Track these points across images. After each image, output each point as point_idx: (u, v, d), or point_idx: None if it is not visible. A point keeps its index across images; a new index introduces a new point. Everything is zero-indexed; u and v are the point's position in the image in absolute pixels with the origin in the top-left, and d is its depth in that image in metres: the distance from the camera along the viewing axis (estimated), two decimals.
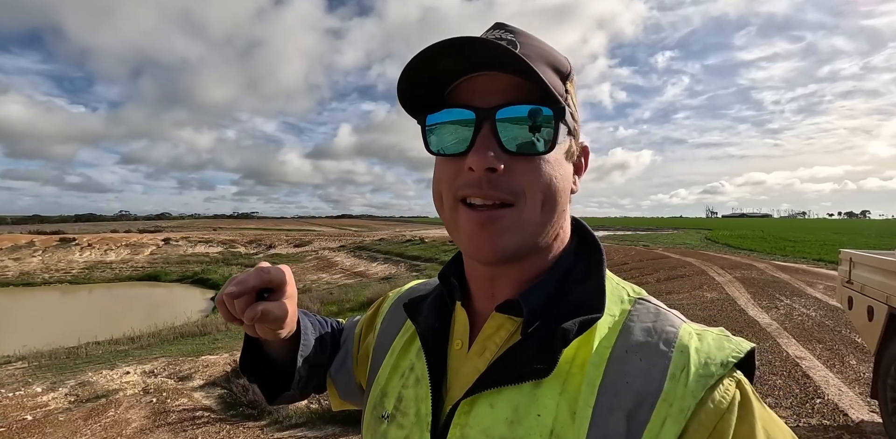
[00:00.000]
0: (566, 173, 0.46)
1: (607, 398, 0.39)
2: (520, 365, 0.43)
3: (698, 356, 0.40)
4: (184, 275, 31.22)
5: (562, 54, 0.46)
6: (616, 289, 0.48)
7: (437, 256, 23.43)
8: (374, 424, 0.53)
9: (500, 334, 0.48)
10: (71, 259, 34.76)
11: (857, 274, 3.62)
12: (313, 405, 4.33)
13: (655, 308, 0.46)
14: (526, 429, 0.40)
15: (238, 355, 4.96)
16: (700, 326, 0.45)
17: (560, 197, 0.45)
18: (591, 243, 0.51)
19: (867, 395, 3.80)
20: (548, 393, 0.41)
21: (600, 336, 0.43)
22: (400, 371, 0.54)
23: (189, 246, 40.26)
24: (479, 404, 0.43)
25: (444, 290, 0.54)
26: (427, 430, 0.46)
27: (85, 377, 5.63)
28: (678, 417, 0.37)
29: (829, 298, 8.16)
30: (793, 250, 20.30)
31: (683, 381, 0.39)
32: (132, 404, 4.63)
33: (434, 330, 0.52)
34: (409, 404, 0.50)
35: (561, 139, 0.44)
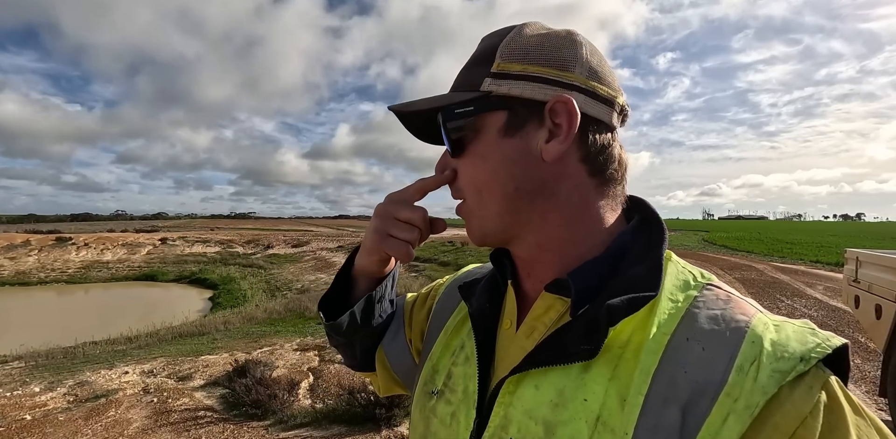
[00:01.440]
0: (501, 158, 0.46)
1: (662, 387, 0.36)
2: (567, 345, 0.41)
3: (773, 348, 0.36)
4: (181, 274, 31.04)
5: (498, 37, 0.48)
6: (681, 273, 0.44)
7: (436, 257, 23.40)
8: (424, 399, 0.54)
9: (550, 314, 0.46)
10: (67, 258, 34.52)
11: (864, 273, 3.62)
12: (318, 405, 4.29)
13: (727, 295, 0.42)
14: (571, 413, 0.39)
15: (238, 355, 4.93)
16: (780, 317, 0.40)
17: (496, 183, 0.46)
18: (654, 223, 0.48)
19: (874, 393, 3.80)
20: (597, 378, 0.39)
21: (659, 321, 0.39)
22: (451, 349, 0.55)
23: (186, 245, 40.07)
24: (524, 384, 0.43)
25: (496, 272, 0.55)
26: (473, 407, 0.47)
27: (83, 377, 5.57)
28: (743, 414, 0.33)
29: (830, 299, 8.18)
30: (790, 252, 20.38)
31: (753, 375, 0.34)
32: (133, 404, 4.58)
33: (485, 310, 0.52)
34: (457, 381, 0.51)
35: (470, 128, 0.47)
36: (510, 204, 0.46)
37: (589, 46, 0.47)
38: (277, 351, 6.61)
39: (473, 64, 0.48)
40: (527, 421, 0.41)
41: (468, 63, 0.49)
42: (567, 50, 0.45)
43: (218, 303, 20.21)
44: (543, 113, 0.44)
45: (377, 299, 0.62)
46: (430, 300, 0.68)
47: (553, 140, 0.44)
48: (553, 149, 0.44)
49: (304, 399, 4.53)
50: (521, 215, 0.46)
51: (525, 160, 0.45)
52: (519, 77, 0.45)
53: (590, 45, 0.47)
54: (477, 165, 0.47)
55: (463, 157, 0.48)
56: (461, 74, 0.49)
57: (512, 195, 0.46)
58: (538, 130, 0.45)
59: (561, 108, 0.44)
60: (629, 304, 0.40)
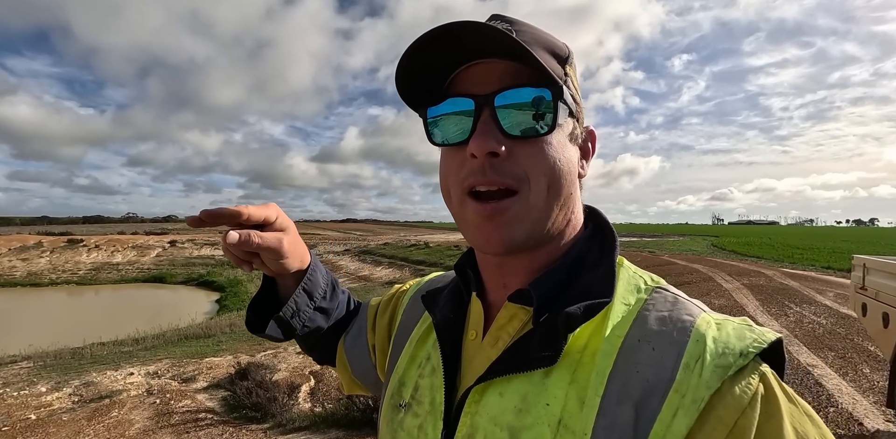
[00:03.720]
0: (570, 156, 0.46)
1: (616, 387, 0.38)
2: (529, 353, 0.42)
3: (715, 345, 0.38)
4: (189, 277, 31.30)
5: (560, 40, 0.47)
6: (632, 278, 0.47)
7: (442, 261, 23.38)
8: (392, 413, 0.54)
9: (514, 324, 0.47)
10: (78, 260, 35.01)
11: (871, 280, 3.55)
12: (317, 408, 4.29)
13: (674, 297, 0.44)
14: (534, 418, 0.40)
15: (241, 357, 4.94)
16: (722, 316, 0.43)
17: (565, 179, 0.45)
18: (605, 230, 0.50)
19: (882, 404, 3.72)
20: (557, 383, 0.41)
21: (613, 325, 0.42)
22: (417, 361, 0.55)
23: (195, 248, 40.45)
24: (489, 393, 0.44)
25: (459, 282, 0.55)
26: (440, 419, 0.47)
27: (89, 377, 5.63)
28: (690, 408, 0.36)
29: (840, 306, 8.04)
30: (801, 258, 20.09)
31: (698, 371, 0.37)
32: (136, 405, 4.62)
33: (449, 321, 0.53)
34: (424, 393, 0.51)
35: (562, 120, 0.44)
36: (567, 203, 0.46)
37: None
38: (280, 355, 6.63)
39: (548, 49, 0.44)
40: (492, 428, 0.42)
41: (542, 39, 0.44)
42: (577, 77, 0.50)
43: (224, 306, 20.33)
44: (584, 134, 0.50)
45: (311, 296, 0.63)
46: (392, 306, 0.68)
47: (584, 160, 0.49)
48: (586, 169, 0.49)
49: (304, 402, 4.54)
50: (563, 218, 0.47)
51: (575, 169, 0.47)
52: (573, 90, 0.47)
53: None
54: (559, 157, 0.43)
55: (539, 141, 0.43)
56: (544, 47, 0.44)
57: (566, 198, 0.46)
58: (576, 146, 0.48)
59: (593, 134, 0.51)
60: (585, 311, 0.42)
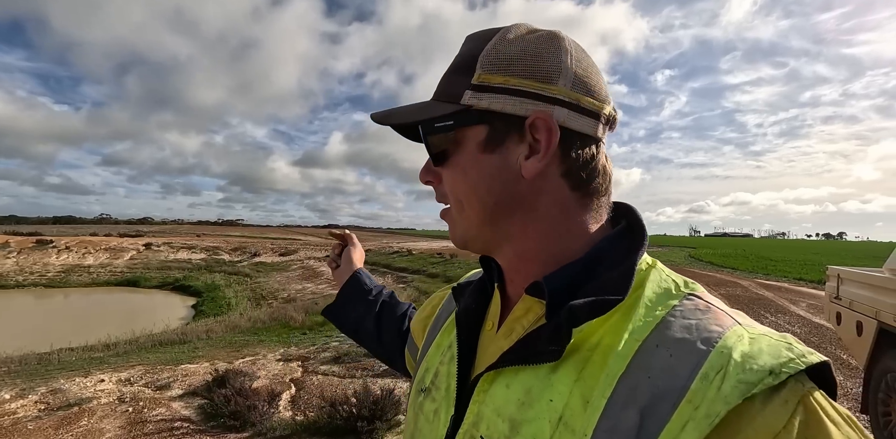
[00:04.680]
0: (482, 168, 0.45)
1: (624, 390, 0.36)
2: (537, 346, 0.42)
3: (743, 360, 0.34)
4: (164, 281, 30.47)
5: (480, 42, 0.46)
6: (663, 281, 0.43)
7: (425, 268, 23.29)
8: (415, 396, 0.57)
9: (529, 317, 0.47)
10: (47, 261, 33.74)
11: (845, 290, 3.68)
12: (299, 417, 4.19)
13: (706, 305, 0.40)
14: (535, 413, 0.39)
15: (219, 364, 4.83)
16: (761, 330, 0.38)
17: (476, 193, 0.46)
18: (636, 228, 0.48)
19: (856, 410, 3.82)
20: (563, 380, 0.39)
21: (633, 327, 0.39)
22: (441, 349, 0.57)
23: (171, 251, 39.44)
24: (497, 383, 0.44)
25: (484, 275, 0.57)
26: (452, 405, 0.49)
27: (57, 384, 5.39)
28: (702, 423, 0.32)
29: (813, 316, 8.29)
30: (774, 269, 20.66)
31: (717, 384, 0.33)
32: (106, 413, 4.43)
33: (469, 311, 0.55)
34: (441, 379, 0.53)
35: (439, 147, 0.47)
36: (489, 217, 0.47)
37: (575, 52, 0.45)
38: (260, 362, 6.48)
39: (454, 71, 0.47)
40: (495, 418, 0.42)
41: (450, 68, 0.48)
42: (550, 59, 0.44)
43: (201, 311, 19.82)
44: (524, 128, 0.44)
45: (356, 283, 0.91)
46: (437, 298, 0.74)
47: (532, 157, 0.44)
48: (531, 167, 0.44)
49: (284, 410, 4.43)
50: (500, 227, 0.47)
51: (504, 175, 0.45)
52: (499, 90, 0.44)
53: (576, 51, 0.46)
54: (457, 177, 0.47)
55: (445, 168, 0.48)
56: (443, 80, 0.49)
57: (491, 209, 0.46)
58: (518, 146, 0.44)
59: (541, 124, 0.43)
60: (592, 306, 0.40)
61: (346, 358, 6.31)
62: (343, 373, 5.63)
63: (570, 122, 0.44)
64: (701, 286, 0.45)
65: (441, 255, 27.26)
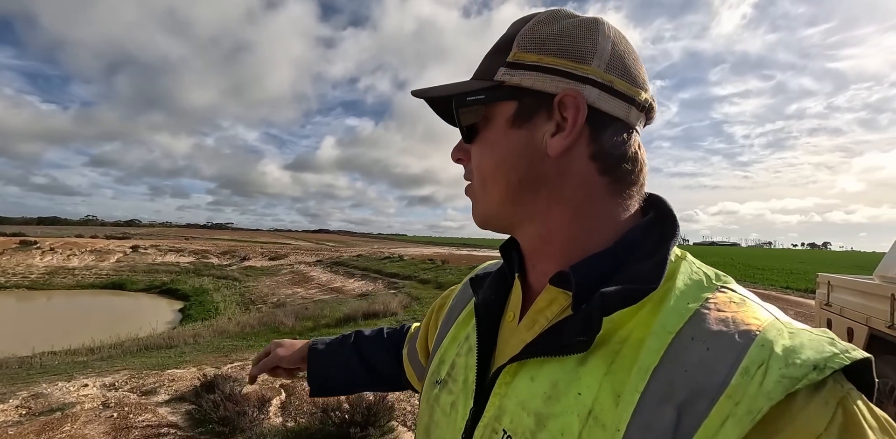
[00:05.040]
0: (507, 149, 0.45)
1: (659, 386, 0.34)
2: (564, 337, 0.40)
3: (785, 354, 0.33)
4: (151, 284, 29.97)
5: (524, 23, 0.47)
6: (694, 273, 0.42)
7: (416, 274, 23.20)
8: (430, 389, 0.56)
9: (553, 308, 0.46)
10: (30, 263, 33.06)
11: (835, 296, 3.72)
12: (290, 423, 4.13)
13: (741, 298, 0.39)
14: (563, 407, 0.38)
15: (206, 369, 4.76)
16: (800, 325, 0.37)
17: (499, 169, 0.46)
18: (667, 219, 0.46)
19: None
20: (592, 373, 0.38)
21: (664, 319, 0.37)
22: (457, 341, 0.56)
23: (158, 254, 38.90)
24: (520, 376, 0.43)
25: (504, 264, 0.55)
26: (471, 397, 0.47)
27: (39, 388, 5.26)
28: (743, 419, 0.31)
29: None
30: (761, 278, 20.92)
31: (759, 379, 0.32)
32: (90, 418, 4.32)
33: (490, 302, 0.53)
34: (459, 371, 0.52)
35: (471, 120, 0.47)
36: (513, 194, 0.46)
37: (615, 37, 0.45)
38: (248, 367, 6.38)
39: (494, 51, 0.47)
40: (520, 412, 0.41)
41: (490, 50, 0.48)
42: (587, 40, 0.43)
43: (188, 315, 19.50)
44: (553, 105, 0.43)
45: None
46: (449, 292, 0.74)
47: (558, 134, 0.43)
48: (556, 144, 0.43)
49: (275, 417, 4.36)
50: (523, 206, 0.46)
51: (530, 152, 0.44)
52: (532, 68, 0.43)
53: (616, 36, 0.45)
54: (485, 153, 0.47)
55: (474, 144, 0.48)
56: (483, 61, 0.49)
57: (515, 186, 0.45)
58: (546, 123, 0.44)
59: (569, 101, 0.42)
60: (624, 295, 0.39)
61: None
62: None
63: (600, 103, 0.43)
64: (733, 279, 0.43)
65: (432, 261, 27.19)
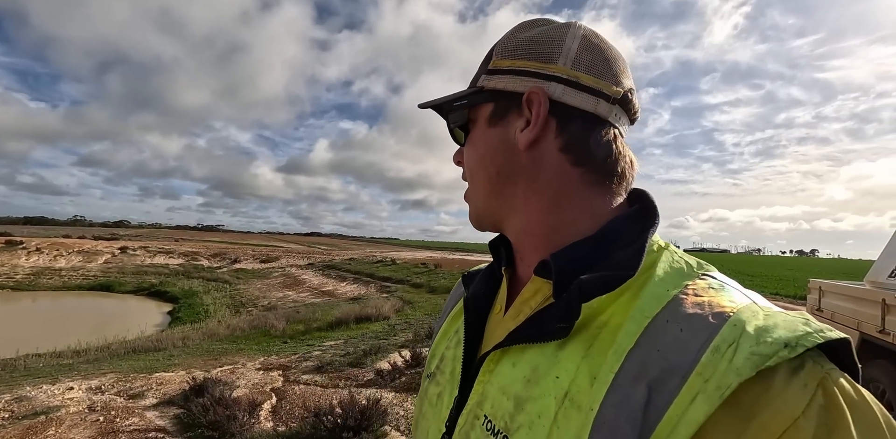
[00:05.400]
0: (489, 141, 0.49)
1: (632, 365, 0.35)
2: (545, 323, 0.42)
3: (756, 332, 0.33)
4: (139, 286, 29.56)
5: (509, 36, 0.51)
6: (675, 262, 0.43)
7: (409, 278, 23.11)
8: (423, 383, 0.58)
9: (537, 298, 0.47)
10: (16, 263, 32.52)
11: (826, 302, 3.76)
12: (281, 427, 4.07)
13: (720, 284, 0.40)
14: (541, 390, 0.39)
15: (196, 373, 4.68)
16: (777, 309, 0.37)
17: (481, 165, 0.50)
18: (649, 210, 0.47)
19: None
20: (570, 357, 0.39)
21: (642, 304, 0.38)
22: (448, 335, 0.59)
23: (148, 256, 38.45)
24: (503, 362, 0.44)
25: (494, 260, 0.57)
26: (456, 387, 0.49)
27: (22, 391, 5.14)
28: (713, 395, 0.30)
29: None
30: (751, 284, 21.19)
31: (728, 356, 0.32)
32: (76, 422, 4.23)
33: (478, 296, 0.55)
34: (447, 363, 0.54)
35: (456, 122, 0.52)
36: (494, 187, 0.50)
37: (584, 38, 0.47)
38: (239, 370, 6.30)
39: (482, 63, 0.52)
40: (500, 397, 0.42)
41: (480, 63, 0.53)
42: (554, 42, 0.47)
43: (177, 318, 19.25)
44: (522, 104, 0.47)
45: None
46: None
47: (526, 128, 0.46)
48: (524, 137, 0.46)
49: (265, 421, 4.30)
50: (505, 199, 0.49)
51: (505, 147, 0.48)
52: (506, 72, 0.48)
53: (587, 37, 0.47)
54: (470, 152, 0.52)
55: (464, 146, 0.53)
56: (475, 73, 0.53)
57: (494, 179, 0.49)
58: (518, 120, 0.47)
59: (534, 97, 0.45)
60: (602, 282, 0.40)
61: (329, 367, 6.18)
62: (326, 383, 5.50)
63: (566, 98, 0.45)
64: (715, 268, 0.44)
65: (425, 265, 27.10)
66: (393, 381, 5.27)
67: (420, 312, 13.33)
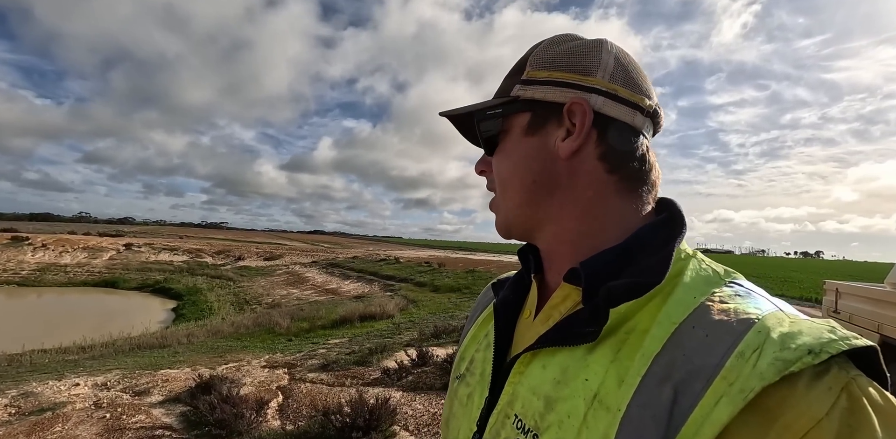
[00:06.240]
0: (525, 151, 0.50)
1: (659, 368, 0.37)
2: (574, 328, 0.44)
3: (780, 338, 0.34)
4: (144, 283, 29.73)
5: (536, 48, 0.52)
6: (702, 270, 0.44)
7: (413, 277, 23.09)
8: (452, 384, 0.59)
9: (566, 303, 0.48)
10: (22, 259, 32.73)
11: (843, 304, 3.69)
12: (289, 426, 4.04)
13: (747, 291, 0.41)
14: (571, 390, 0.41)
15: (201, 370, 4.66)
16: (805, 317, 0.38)
17: (517, 175, 0.50)
18: (676, 218, 0.49)
19: None
20: (599, 360, 0.41)
21: (669, 310, 0.40)
22: (477, 339, 0.60)
23: (152, 253, 38.63)
24: (533, 364, 0.45)
25: (522, 267, 0.59)
26: (486, 387, 0.50)
27: (28, 387, 5.14)
28: (736, 397, 0.32)
29: None
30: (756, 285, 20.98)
31: (752, 361, 0.33)
32: (82, 419, 4.21)
33: (508, 301, 0.57)
34: (477, 365, 0.55)
35: (490, 132, 0.52)
36: (529, 195, 0.50)
37: (618, 53, 0.50)
38: (244, 368, 6.28)
39: (510, 74, 0.53)
40: (530, 397, 0.44)
41: (508, 73, 0.54)
42: (592, 56, 0.49)
43: (182, 315, 19.33)
44: (562, 114, 0.48)
45: None
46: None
47: (568, 138, 0.47)
48: (567, 146, 0.47)
49: (273, 419, 4.27)
50: (539, 207, 0.50)
51: (542, 156, 0.49)
52: (544, 82, 0.49)
53: (619, 52, 0.50)
54: (502, 161, 0.52)
55: (495, 155, 0.53)
56: (501, 84, 0.54)
57: (530, 188, 0.49)
58: (557, 129, 0.48)
59: (577, 108, 0.47)
60: (629, 288, 0.42)
61: (335, 365, 6.15)
62: (332, 381, 5.47)
63: (606, 109, 0.47)
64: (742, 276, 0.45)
65: (429, 264, 27.08)
66: (400, 380, 5.23)
67: (424, 311, 13.30)
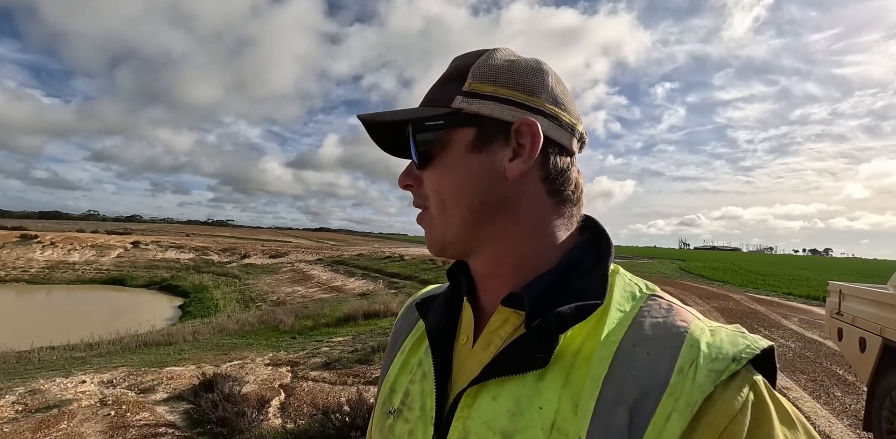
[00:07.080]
0: (469, 173, 0.47)
1: (611, 391, 0.38)
2: (522, 355, 0.43)
3: (709, 350, 0.39)
4: (151, 280, 30.01)
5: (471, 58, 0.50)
6: (627, 285, 0.47)
7: (417, 274, 23.13)
8: (382, 420, 0.54)
9: (506, 328, 0.48)
10: (31, 257, 33.11)
11: (847, 306, 3.65)
12: (289, 424, 4.07)
13: (668, 304, 0.45)
14: (528, 421, 0.40)
15: (206, 368, 4.69)
16: (716, 323, 0.43)
17: (462, 195, 0.47)
18: (601, 237, 0.51)
19: (857, 427, 3.79)
20: (551, 386, 0.41)
21: (608, 330, 0.42)
22: (409, 368, 0.56)
23: (159, 250, 38.93)
24: (482, 396, 0.44)
25: (452, 288, 0.56)
26: (430, 424, 0.47)
27: (36, 384, 5.20)
28: (684, 412, 0.36)
29: (805, 331, 8.32)
30: (763, 283, 20.84)
31: (691, 375, 0.37)
32: (87, 416, 4.27)
33: (441, 326, 0.54)
34: (414, 399, 0.51)
35: (423, 146, 0.48)
36: (473, 216, 0.48)
37: (554, 76, 0.50)
38: (248, 366, 6.33)
39: (445, 81, 0.50)
40: (485, 432, 0.42)
41: (439, 80, 0.52)
42: (535, 76, 0.49)
43: (188, 312, 19.50)
44: (510, 133, 0.47)
45: None
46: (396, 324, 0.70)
47: (516, 159, 0.47)
48: (516, 168, 0.46)
49: (274, 418, 4.30)
50: (482, 228, 0.48)
51: (490, 176, 0.47)
52: (489, 97, 0.47)
53: (555, 75, 0.50)
54: (444, 176, 0.48)
55: (429, 169, 0.49)
56: (432, 90, 0.51)
57: (476, 208, 0.48)
58: (503, 149, 0.47)
59: (526, 129, 0.46)
60: (577, 312, 0.43)
61: (337, 364, 6.18)
62: (334, 380, 5.50)
63: (550, 132, 0.47)
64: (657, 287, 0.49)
65: (433, 262, 27.09)
66: None
67: None
